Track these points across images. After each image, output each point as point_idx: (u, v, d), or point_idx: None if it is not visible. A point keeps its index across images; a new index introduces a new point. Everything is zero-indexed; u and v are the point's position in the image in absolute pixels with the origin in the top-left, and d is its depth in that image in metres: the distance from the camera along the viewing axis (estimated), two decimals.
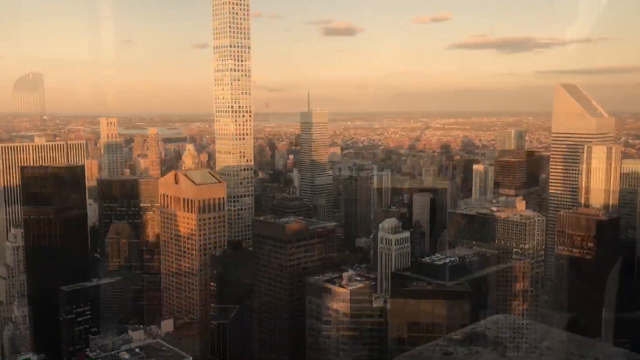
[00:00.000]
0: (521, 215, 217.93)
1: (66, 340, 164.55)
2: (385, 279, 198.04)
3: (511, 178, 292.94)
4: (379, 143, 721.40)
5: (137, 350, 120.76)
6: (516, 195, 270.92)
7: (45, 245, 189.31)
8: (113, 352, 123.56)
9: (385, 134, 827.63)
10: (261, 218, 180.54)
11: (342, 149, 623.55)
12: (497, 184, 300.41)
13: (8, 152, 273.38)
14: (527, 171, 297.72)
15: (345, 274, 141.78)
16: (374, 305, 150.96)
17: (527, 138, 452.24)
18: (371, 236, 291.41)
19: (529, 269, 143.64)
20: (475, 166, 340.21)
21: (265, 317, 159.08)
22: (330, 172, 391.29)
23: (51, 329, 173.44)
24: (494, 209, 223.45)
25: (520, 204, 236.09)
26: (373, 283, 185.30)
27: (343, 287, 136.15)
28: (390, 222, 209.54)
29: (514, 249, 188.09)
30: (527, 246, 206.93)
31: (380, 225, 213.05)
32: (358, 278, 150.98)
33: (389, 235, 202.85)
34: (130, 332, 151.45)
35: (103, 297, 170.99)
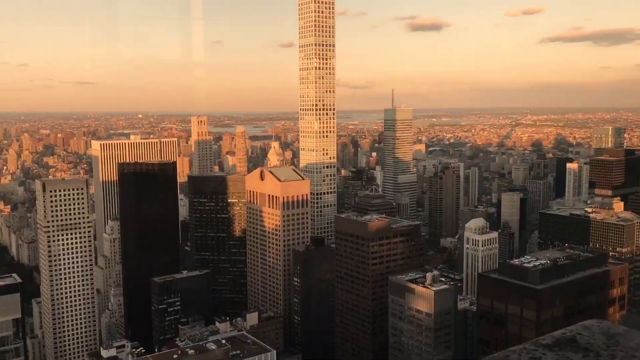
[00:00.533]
0: (619, 217, 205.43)
1: (157, 329, 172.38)
2: (472, 280, 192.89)
3: (608, 178, 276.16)
4: (466, 140, 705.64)
5: (223, 341, 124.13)
6: (613, 196, 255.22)
7: (140, 238, 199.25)
8: (201, 343, 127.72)
9: (473, 131, 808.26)
10: (343, 215, 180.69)
11: (426, 146, 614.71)
12: (592, 184, 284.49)
13: (107, 149, 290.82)
14: (626, 170, 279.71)
15: (429, 274, 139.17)
16: (460, 306, 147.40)
17: (626, 135, 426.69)
18: (457, 236, 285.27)
19: (626, 274, 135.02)
20: (568, 165, 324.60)
21: (347, 313, 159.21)
22: (415, 169, 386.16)
23: (144, 318, 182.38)
24: (589, 210, 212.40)
25: (618, 205, 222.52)
26: (459, 284, 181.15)
27: (427, 287, 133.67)
28: (477, 222, 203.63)
29: (611, 253, 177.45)
30: (625, 250, 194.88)
31: (466, 225, 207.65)
32: (442, 279, 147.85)
33: (476, 236, 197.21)
34: (217, 323, 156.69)
35: (192, 289, 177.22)
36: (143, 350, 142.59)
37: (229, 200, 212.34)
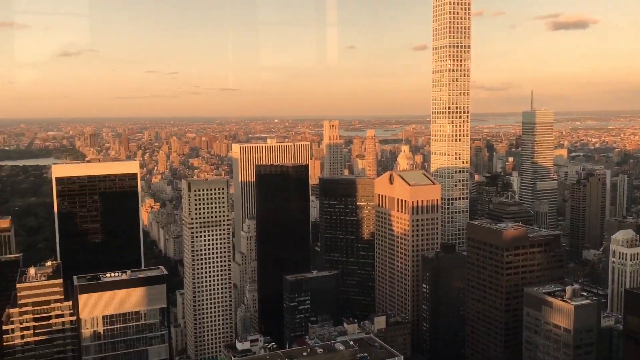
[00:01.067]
0: None
1: (288, 326, 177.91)
2: (618, 297, 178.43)
3: None
4: (614, 145, 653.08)
5: (351, 342, 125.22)
6: None
7: (274, 237, 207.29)
8: (329, 342, 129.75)
9: (622, 135, 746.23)
10: (476, 222, 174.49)
11: (569, 152, 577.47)
12: None
13: (245, 152, 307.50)
14: None
15: (569, 288, 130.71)
16: (603, 324, 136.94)
17: None
18: (601, 248, 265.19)
19: None
20: None
21: (478, 324, 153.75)
22: (555, 176, 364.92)
23: (276, 314, 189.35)
24: None
25: None
26: (602, 300, 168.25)
27: (566, 301, 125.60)
28: (625, 234, 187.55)
29: None
30: None
31: (613, 237, 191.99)
32: (584, 293, 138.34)
33: (624, 249, 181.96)
34: (345, 324, 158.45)
35: (321, 289, 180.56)
36: (275, 346, 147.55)
37: (358, 203, 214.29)
